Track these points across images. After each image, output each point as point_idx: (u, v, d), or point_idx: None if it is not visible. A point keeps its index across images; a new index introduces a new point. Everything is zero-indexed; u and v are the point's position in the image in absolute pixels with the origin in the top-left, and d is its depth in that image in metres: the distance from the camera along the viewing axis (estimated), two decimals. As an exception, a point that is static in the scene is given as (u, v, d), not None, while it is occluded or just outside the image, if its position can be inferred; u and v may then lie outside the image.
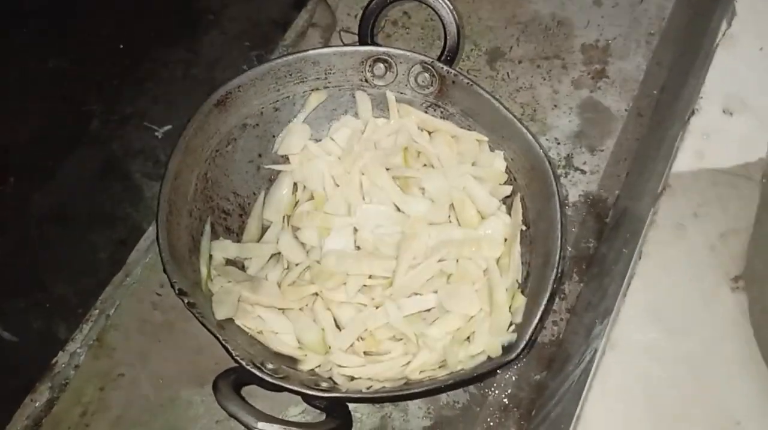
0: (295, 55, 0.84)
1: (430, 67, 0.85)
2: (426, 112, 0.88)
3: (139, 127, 1.08)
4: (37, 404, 0.83)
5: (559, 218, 0.75)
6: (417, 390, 0.69)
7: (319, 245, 0.82)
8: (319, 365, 0.75)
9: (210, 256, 0.80)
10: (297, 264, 0.81)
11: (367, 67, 0.86)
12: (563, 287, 0.87)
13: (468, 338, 0.76)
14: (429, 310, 0.78)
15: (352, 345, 0.76)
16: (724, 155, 0.64)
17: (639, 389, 0.56)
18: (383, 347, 0.77)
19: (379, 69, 0.86)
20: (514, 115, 0.81)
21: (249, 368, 0.67)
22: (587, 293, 0.83)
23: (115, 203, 1.02)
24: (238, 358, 0.67)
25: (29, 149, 1.06)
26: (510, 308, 0.77)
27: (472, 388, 0.83)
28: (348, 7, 1.07)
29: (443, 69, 0.84)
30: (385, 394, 0.72)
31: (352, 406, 0.80)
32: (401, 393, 0.71)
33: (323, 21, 1.08)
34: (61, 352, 0.86)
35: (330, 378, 0.74)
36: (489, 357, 0.72)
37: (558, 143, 0.97)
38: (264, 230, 0.85)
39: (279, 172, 0.88)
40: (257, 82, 0.83)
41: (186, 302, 0.69)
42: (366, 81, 0.87)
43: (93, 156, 1.06)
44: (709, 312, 0.58)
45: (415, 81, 0.86)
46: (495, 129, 0.84)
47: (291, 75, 0.85)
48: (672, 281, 0.59)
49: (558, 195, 0.76)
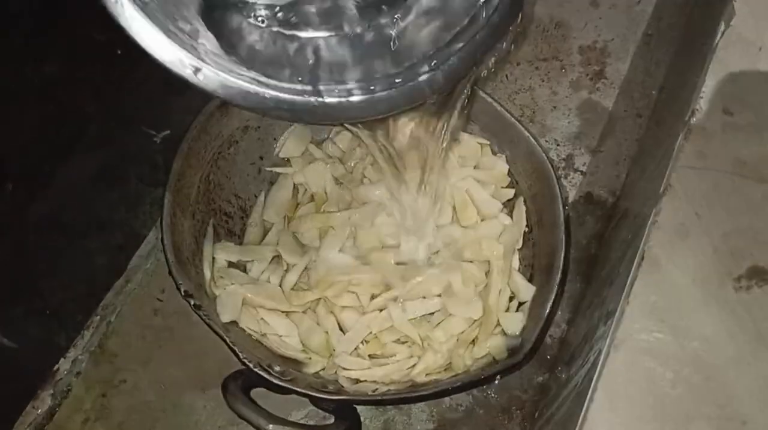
0: (295, 58, 0.84)
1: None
2: (426, 115, 0.88)
3: (138, 133, 1.07)
4: (39, 411, 0.82)
5: (563, 220, 0.76)
6: (424, 393, 0.69)
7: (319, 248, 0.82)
8: (324, 368, 0.75)
9: (213, 258, 0.80)
10: (294, 265, 0.81)
11: (368, 70, 0.86)
12: (566, 288, 0.87)
13: (474, 340, 0.76)
14: (433, 313, 0.78)
15: (356, 348, 0.76)
16: (725, 155, 0.64)
17: (644, 390, 0.56)
18: (388, 350, 0.77)
19: (379, 70, 0.86)
20: (515, 118, 0.81)
21: (257, 370, 0.67)
22: (590, 295, 0.83)
23: (114, 209, 1.01)
24: (245, 360, 0.67)
25: (26, 156, 1.05)
26: (508, 310, 0.77)
27: (475, 390, 0.83)
28: (346, 11, 1.07)
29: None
30: (392, 396, 0.72)
31: (355, 409, 0.81)
32: (408, 395, 0.71)
33: (322, 24, 1.08)
34: (63, 359, 0.85)
35: (335, 381, 0.74)
36: (495, 359, 0.72)
37: (557, 145, 0.97)
38: (266, 232, 0.85)
39: (280, 174, 0.88)
40: (258, 84, 0.83)
41: (192, 304, 0.69)
42: (365, 83, 0.87)
43: (91, 162, 1.05)
44: (713, 312, 0.58)
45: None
46: (496, 132, 0.84)
47: (293, 77, 0.85)
48: (675, 282, 0.59)
49: (561, 197, 0.76)
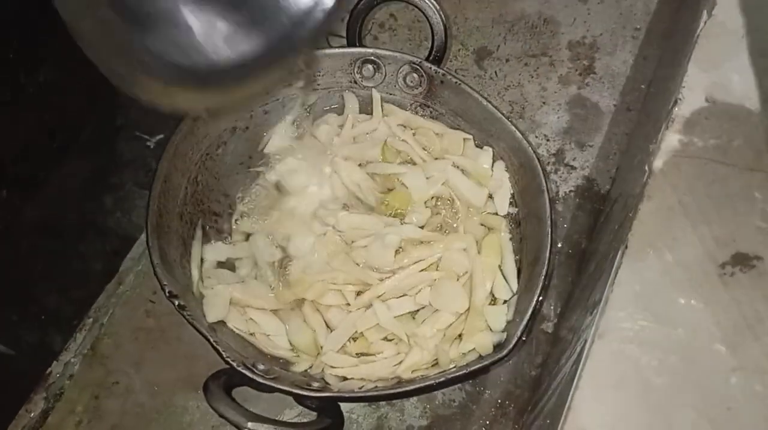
0: (283, 58, 0.84)
1: (418, 68, 0.85)
2: (415, 112, 0.88)
3: (131, 138, 1.07)
4: (32, 414, 0.82)
5: (549, 214, 0.75)
6: (409, 388, 0.69)
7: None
8: (311, 366, 0.75)
9: (202, 259, 0.80)
10: (270, 263, 0.80)
11: (356, 69, 0.87)
12: (556, 283, 0.87)
13: (459, 336, 0.76)
14: (418, 310, 0.78)
15: (344, 346, 0.76)
16: (707, 143, 0.64)
17: (628, 378, 0.56)
18: (375, 348, 0.77)
19: (368, 70, 0.87)
20: (502, 113, 0.81)
21: (239, 369, 0.67)
22: (580, 288, 0.83)
23: (108, 213, 1.02)
24: (228, 359, 0.67)
25: (20, 161, 1.05)
26: (495, 303, 0.77)
27: (467, 386, 0.83)
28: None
29: (431, 69, 0.85)
30: (377, 393, 0.71)
31: (348, 407, 0.80)
32: (393, 392, 0.71)
33: (311, 25, 1.08)
34: (56, 362, 0.86)
35: (322, 379, 0.74)
36: (480, 355, 0.72)
37: (547, 140, 0.97)
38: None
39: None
40: (245, 85, 0.83)
41: (177, 304, 0.70)
42: (355, 82, 0.88)
43: (85, 167, 1.06)
44: (698, 299, 0.58)
45: (404, 81, 0.87)
46: (484, 127, 0.84)
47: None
48: (659, 270, 0.59)
49: (547, 192, 0.76)
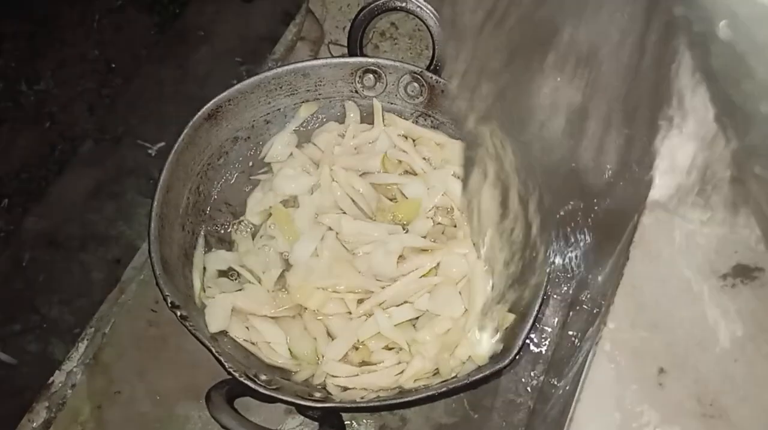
0: (285, 68, 0.85)
1: (419, 77, 0.85)
2: (416, 121, 0.88)
3: (132, 146, 1.08)
4: (35, 424, 0.82)
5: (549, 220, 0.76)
6: (410, 398, 0.69)
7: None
8: (313, 376, 0.75)
9: (204, 268, 0.80)
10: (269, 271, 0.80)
11: (357, 78, 0.87)
12: (556, 291, 0.87)
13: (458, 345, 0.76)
14: (418, 317, 0.78)
15: (346, 355, 0.76)
16: (707, 155, 0.64)
17: (630, 388, 0.56)
18: (376, 357, 0.77)
19: (369, 80, 0.87)
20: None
21: (241, 379, 0.67)
22: (582, 297, 0.83)
23: (109, 222, 1.02)
24: (230, 369, 0.67)
25: (22, 172, 1.06)
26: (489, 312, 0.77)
27: (469, 394, 0.82)
28: (336, 20, 1.08)
29: (432, 78, 0.85)
30: (380, 403, 0.71)
31: (349, 416, 0.80)
32: (395, 402, 0.71)
33: (312, 34, 1.09)
34: (58, 371, 0.85)
35: (324, 389, 0.74)
36: (479, 365, 0.72)
37: (548, 148, 0.98)
38: (253, 237, 0.85)
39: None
40: (248, 95, 0.84)
41: (179, 315, 0.70)
42: (356, 92, 0.88)
43: (87, 176, 1.06)
44: (697, 309, 0.58)
45: (405, 91, 0.87)
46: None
47: (281, 88, 0.85)
48: (660, 280, 0.59)
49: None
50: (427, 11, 0.85)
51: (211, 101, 0.81)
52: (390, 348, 0.77)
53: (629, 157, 0.69)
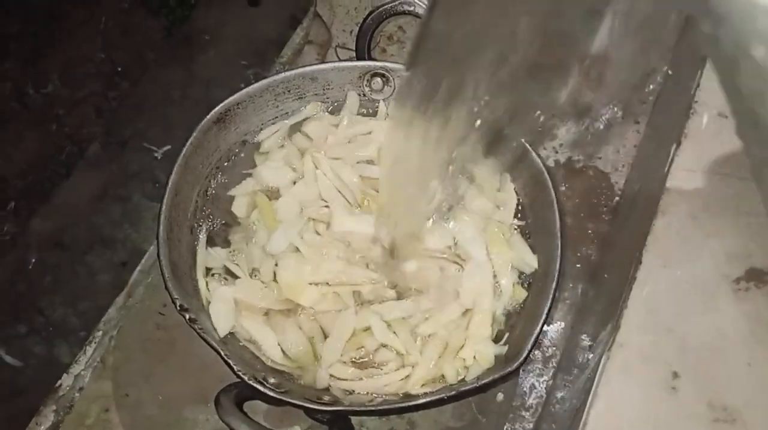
0: (293, 72, 0.85)
1: (426, 80, 0.85)
2: (423, 124, 0.88)
3: (139, 149, 1.08)
4: (42, 427, 0.82)
5: (559, 226, 0.76)
6: (419, 402, 0.69)
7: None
8: (314, 380, 0.74)
9: (209, 269, 0.79)
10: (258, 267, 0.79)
11: (365, 82, 0.87)
12: (566, 295, 0.87)
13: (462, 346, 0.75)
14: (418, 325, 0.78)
15: (351, 360, 0.76)
16: (721, 158, 0.65)
17: (643, 393, 0.56)
18: (379, 357, 0.76)
19: (377, 83, 0.87)
20: (511, 125, 0.82)
21: (251, 382, 0.67)
22: (591, 300, 0.83)
23: (115, 225, 1.02)
24: (239, 373, 0.67)
25: (29, 175, 1.06)
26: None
27: (477, 398, 0.82)
28: (343, 24, 1.08)
29: (439, 82, 0.85)
30: (389, 406, 0.71)
31: (358, 420, 0.80)
32: (404, 405, 0.71)
33: (319, 38, 1.09)
34: (66, 374, 0.85)
35: (331, 392, 0.74)
36: (489, 369, 0.72)
37: (556, 152, 0.97)
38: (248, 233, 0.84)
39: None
40: (256, 98, 0.84)
41: (187, 318, 0.70)
42: (364, 95, 0.88)
43: (93, 179, 1.06)
44: (711, 315, 0.58)
45: (413, 94, 0.87)
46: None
47: (290, 91, 0.85)
48: (673, 285, 0.59)
49: (557, 204, 0.76)
50: (435, 15, 0.85)
51: (220, 105, 0.81)
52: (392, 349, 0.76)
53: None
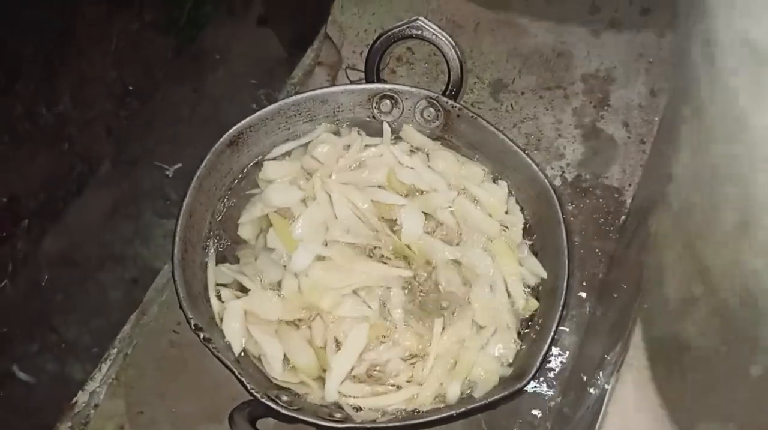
0: (304, 95, 0.86)
1: (435, 102, 0.87)
2: (432, 145, 0.90)
3: (150, 167, 1.08)
4: (58, 444, 0.83)
5: (566, 245, 0.77)
6: (429, 419, 0.70)
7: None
8: (322, 397, 0.75)
9: (219, 287, 0.80)
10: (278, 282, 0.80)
11: (374, 104, 0.89)
12: (574, 313, 0.88)
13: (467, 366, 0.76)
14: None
15: (365, 378, 0.77)
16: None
17: (653, 413, 0.56)
18: (390, 368, 0.76)
19: (386, 105, 0.89)
20: (518, 146, 0.83)
21: (264, 400, 0.68)
22: (599, 319, 0.84)
23: (128, 243, 1.03)
24: (252, 390, 0.68)
25: (41, 193, 1.06)
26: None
27: (487, 415, 0.83)
28: (353, 45, 1.09)
29: (448, 103, 0.86)
30: (399, 424, 0.72)
31: (368, 437, 0.81)
32: (414, 422, 0.72)
33: (329, 59, 1.11)
34: (81, 391, 0.87)
35: (342, 409, 0.74)
36: (496, 386, 0.73)
37: (563, 172, 0.99)
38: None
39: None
40: (268, 121, 0.85)
41: (202, 337, 0.71)
42: (373, 117, 0.90)
43: (104, 197, 1.07)
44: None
45: (421, 116, 0.89)
46: (500, 160, 0.86)
47: (300, 114, 0.87)
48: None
49: (564, 223, 0.78)
50: (443, 39, 0.87)
51: (233, 128, 0.83)
52: (404, 359, 0.77)
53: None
